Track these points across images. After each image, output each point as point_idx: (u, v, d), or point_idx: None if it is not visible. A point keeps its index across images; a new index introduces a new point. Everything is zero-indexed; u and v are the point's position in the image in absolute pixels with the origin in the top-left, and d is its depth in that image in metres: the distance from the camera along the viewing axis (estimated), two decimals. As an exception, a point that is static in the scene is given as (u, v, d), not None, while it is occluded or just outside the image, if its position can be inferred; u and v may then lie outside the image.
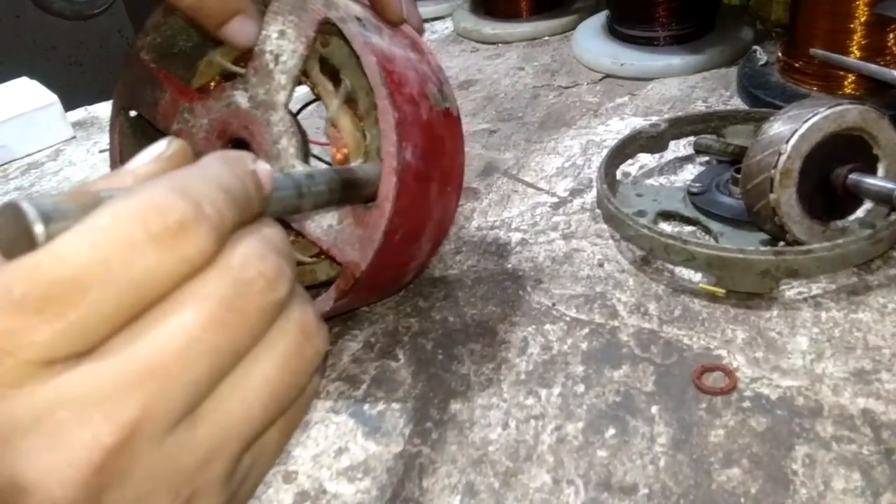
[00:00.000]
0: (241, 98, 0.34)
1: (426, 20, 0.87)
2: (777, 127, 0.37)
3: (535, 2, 0.78)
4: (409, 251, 0.34)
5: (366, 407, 0.34)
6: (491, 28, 0.77)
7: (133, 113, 0.38)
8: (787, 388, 0.32)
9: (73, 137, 0.64)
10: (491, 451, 0.31)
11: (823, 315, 0.36)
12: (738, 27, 0.66)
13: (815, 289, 0.37)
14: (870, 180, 0.36)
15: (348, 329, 0.38)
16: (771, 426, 0.30)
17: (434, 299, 0.40)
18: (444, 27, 0.85)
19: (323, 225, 0.32)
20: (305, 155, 0.34)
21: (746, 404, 0.31)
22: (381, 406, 0.34)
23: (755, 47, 0.60)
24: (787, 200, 0.36)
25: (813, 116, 0.36)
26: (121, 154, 0.38)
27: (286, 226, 0.33)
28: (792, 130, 0.36)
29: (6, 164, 0.61)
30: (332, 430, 0.33)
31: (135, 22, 1.28)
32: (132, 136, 0.39)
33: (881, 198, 0.35)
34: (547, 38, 0.76)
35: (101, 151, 0.61)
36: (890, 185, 0.35)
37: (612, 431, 0.31)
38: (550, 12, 0.78)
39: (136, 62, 0.37)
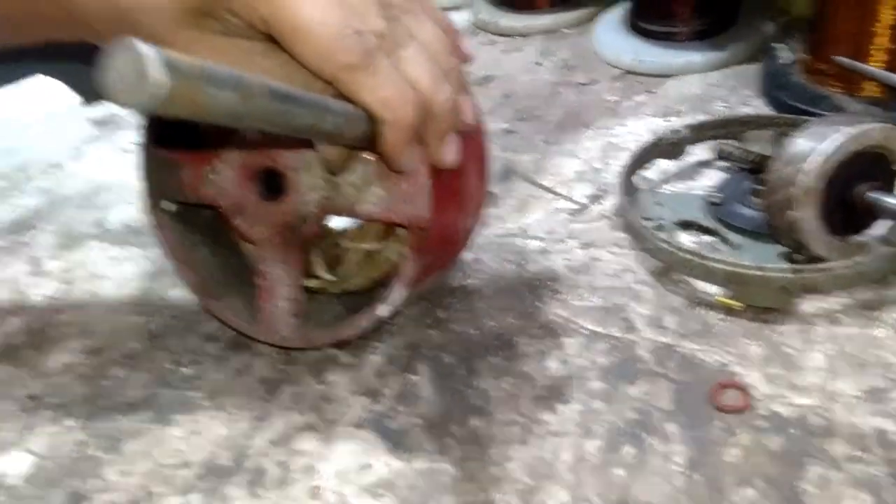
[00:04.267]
0: (250, 133, 0.34)
1: (442, 9, 0.87)
2: (800, 144, 0.37)
3: (552, -7, 0.78)
4: (460, 187, 0.35)
5: (388, 422, 0.34)
6: (509, 20, 0.77)
7: (165, 205, 0.39)
8: (801, 406, 0.33)
9: (96, 136, 0.65)
10: (510, 468, 0.32)
11: (838, 331, 0.36)
12: (760, 22, 0.65)
13: (832, 303, 0.37)
14: (888, 199, 0.36)
15: (369, 342, 0.39)
16: (785, 446, 0.31)
17: (453, 310, 0.40)
18: (461, 18, 0.84)
19: (371, 199, 0.33)
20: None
21: (761, 423, 0.32)
22: (403, 421, 0.34)
23: (777, 45, 0.59)
24: (807, 217, 0.36)
25: (836, 135, 0.36)
26: (172, 247, 0.39)
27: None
28: (814, 149, 0.36)
29: (27, 163, 0.62)
30: (356, 446, 0.33)
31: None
32: (176, 224, 0.39)
33: (901, 216, 0.35)
34: (565, 30, 0.76)
35: (122, 151, 0.62)
36: (910, 205, 0.35)
37: (629, 450, 0.32)
38: (568, 3, 0.77)
39: (150, 156, 0.38)
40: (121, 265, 0.47)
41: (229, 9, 0.28)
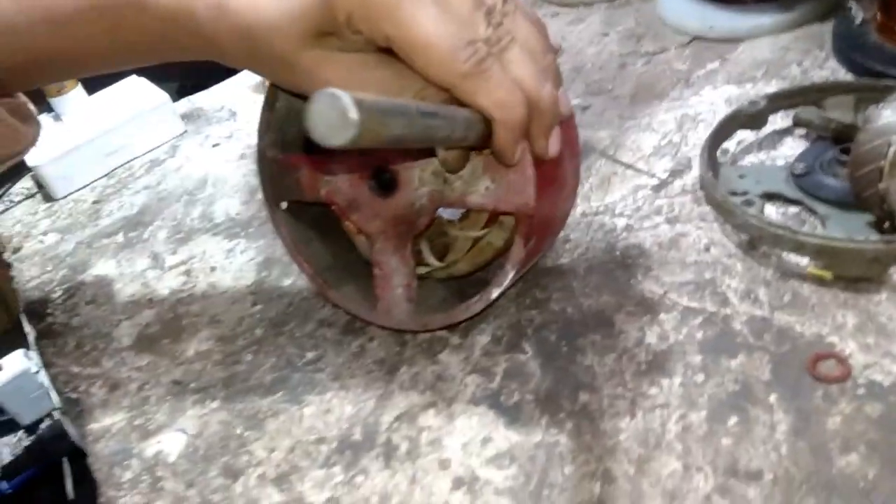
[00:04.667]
0: None
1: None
2: (886, 115, 0.38)
3: (614, -41, 0.77)
4: (559, 173, 0.37)
5: (502, 398, 0.37)
6: (571, -10, 0.77)
7: (283, 204, 0.42)
8: (899, 373, 0.34)
9: (185, 132, 0.69)
10: (622, 439, 0.34)
11: (933, 298, 0.37)
12: (830, -21, 0.64)
13: (924, 271, 0.39)
14: (982, 169, 0.36)
15: (475, 324, 0.41)
16: (885, 412, 0.33)
17: (551, 290, 0.43)
18: (521, -11, 0.84)
19: (480, 191, 0.36)
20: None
21: (861, 391, 0.34)
22: (515, 398, 0.37)
23: (849, 3, 0.59)
24: (895, 189, 0.38)
25: (924, 106, 0.37)
26: (294, 241, 0.42)
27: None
28: (903, 123, 0.37)
29: (129, 161, 0.66)
30: (475, 421, 0.37)
31: None
32: (289, 220, 0.42)
33: None
34: (628, -3, 0.76)
35: (213, 146, 0.66)
36: None
37: (734, 420, 0.34)
38: (631, -30, 0.77)
39: (267, 161, 0.41)
40: (234, 257, 0.51)
41: (354, 28, 0.30)
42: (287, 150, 0.40)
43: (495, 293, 0.37)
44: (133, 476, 0.37)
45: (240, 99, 0.71)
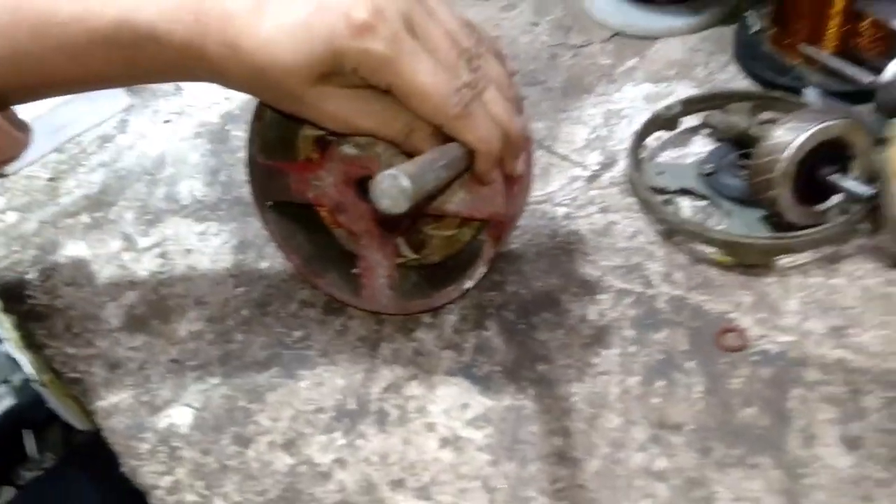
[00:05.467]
0: (348, 149, 0.42)
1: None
2: (778, 135, 0.47)
3: (541, -51, 0.83)
4: (521, 183, 0.44)
5: (474, 370, 0.44)
6: (501, -23, 0.82)
7: (269, 203, 0.46)
8: (783, 343, 0.44)
9: (131, 105, 0.69)
10: (574, 401, 0.42)
11: (809, 280, 0.47)
12: (733, -12, 0.73)
13: (803, 258, 0.49)
14: (845, 183, 0.46)
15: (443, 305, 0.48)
16: (774, 374, 0.42)
17: (506, 274, 0.50)
18: (451, -31, 0.88)
19: (456, 201, 0.42)
20: None
21: (756, 358, 0.43)
22: (486, 369, 0.44)
23: (747, 14, 0.68)
24: (783, 195, 0.47)
25: (809, 127, 0.46)
26: (278, 237, 0.47)
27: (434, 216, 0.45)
28: (788, 143, 0.46)
29: (77, 136, 0.66)
30: (454, 390, 0.44)
31: None
32: (274, 216, 0.47)
33: (853, 196, 0.46)
34: (555, -15, 0.82)
35: (165, 122, 0.67)
36: (861, 189, 0.45)
37: (661, 383, 0.43)
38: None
39: (257, 166, 0.45)
40: (207, 239, 0.54)
41: (356, 73, 0.35)
42: (268, 152, 0.44)
43: (468, 284, 0.44)
44: (150, 447, 0.42)
45: (183, 73, 0.73)
